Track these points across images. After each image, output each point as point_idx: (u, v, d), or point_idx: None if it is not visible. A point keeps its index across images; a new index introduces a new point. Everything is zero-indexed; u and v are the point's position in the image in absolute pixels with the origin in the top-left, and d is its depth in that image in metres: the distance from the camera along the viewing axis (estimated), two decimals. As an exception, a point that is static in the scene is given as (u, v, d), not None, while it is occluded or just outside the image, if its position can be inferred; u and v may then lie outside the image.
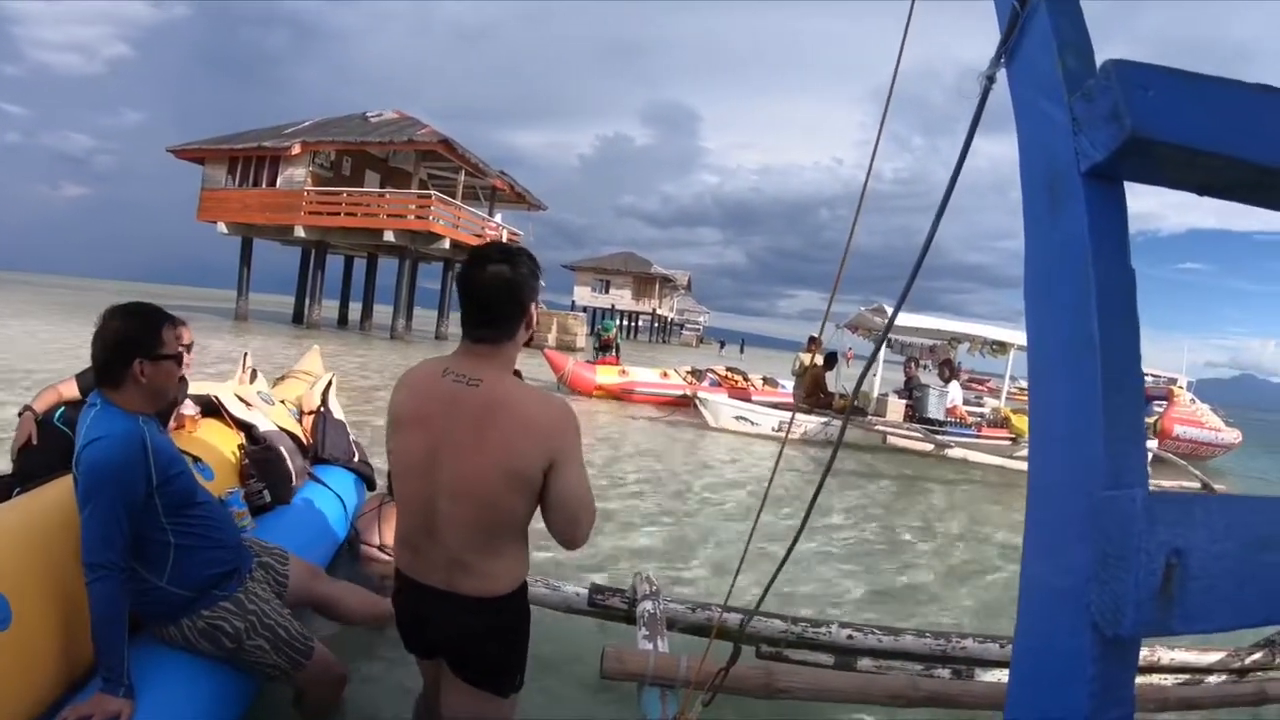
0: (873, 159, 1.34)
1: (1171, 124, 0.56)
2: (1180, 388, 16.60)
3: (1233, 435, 15.61)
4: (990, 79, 0.74)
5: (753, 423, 10.89)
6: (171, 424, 2.92)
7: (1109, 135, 0.58)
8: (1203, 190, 0.63)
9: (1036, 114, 0.66)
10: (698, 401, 11.32)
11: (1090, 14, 0.67)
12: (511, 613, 1.67)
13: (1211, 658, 3.01)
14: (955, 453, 9.81)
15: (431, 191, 24.52)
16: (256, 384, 3.93)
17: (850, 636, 2.73)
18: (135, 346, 1.90)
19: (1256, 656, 3.06)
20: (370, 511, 3.52)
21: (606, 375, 14.05)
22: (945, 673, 2.68)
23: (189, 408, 3.07)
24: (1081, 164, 0.60)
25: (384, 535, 3.35)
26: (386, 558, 3.18)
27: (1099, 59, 0.64)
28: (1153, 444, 12.60)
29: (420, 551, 1.62)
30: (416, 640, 1.73)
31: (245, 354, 4.20)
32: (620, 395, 13.70)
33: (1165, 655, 2.92)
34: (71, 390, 2.82)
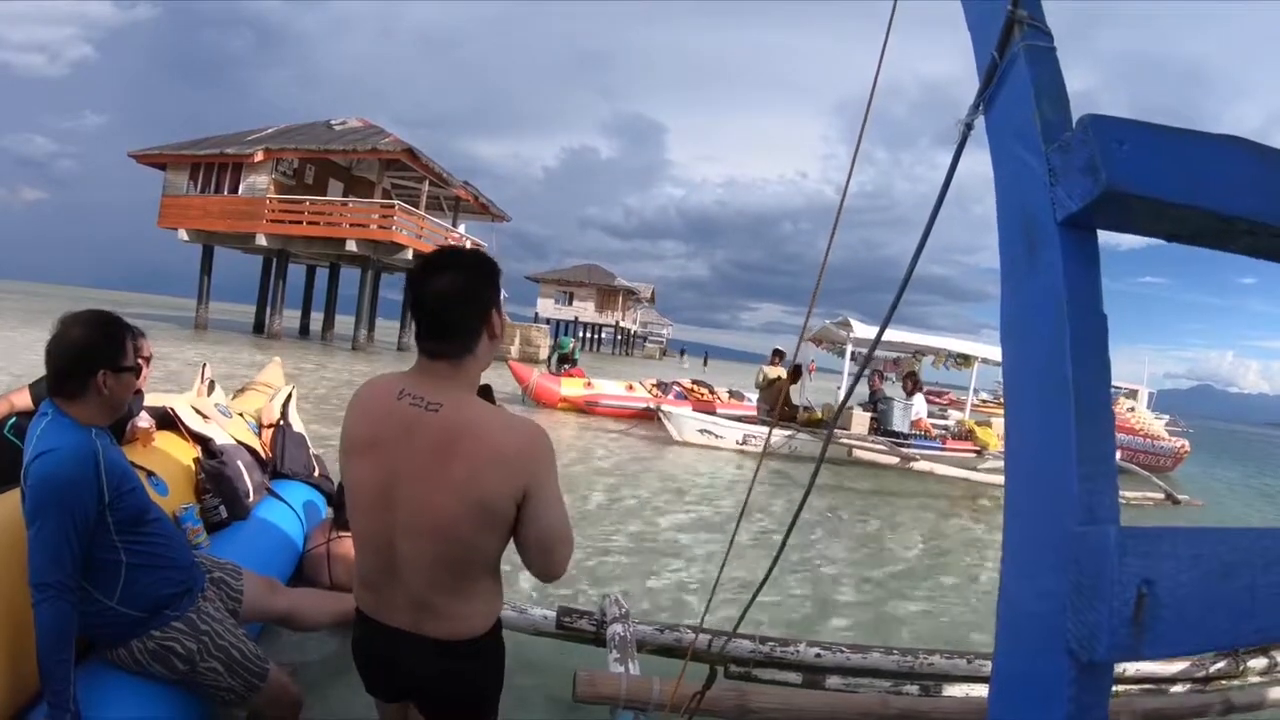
0: (849, 180, 1.37)
1: (1144, 177, 0.59)
2: (1125, 396, 16.77)
3: (1177, 444, 15.81)
4: (969, 126, 0.77)
5: (716, 436, 10.94)
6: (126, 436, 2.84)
7: (1085, 188, 0.61)
8: (1171, 238, 0.67)
9: (1014, 162, 0.69)
10: (661, 415, 11.32)
11: (1053, 34, 0.70)
12: (487, 653, 1.54)
13: (1175, 668, 3.08)
14: (921, 465, 9.93)
15: (395, 201, 24.30)
16: (214, 396, 3.84)
17: (819, 655, 2.75)
18: (99, 357, 1.83)
19: (1220, 665, 3.14)
20: (319, 547, 3.37)
21: (571, 387, 14.02)
22: (913, 689, 2.72)
23: (144, 420, 2.99)
24: (1058, 213, 0.63)
25: (334, 573, 3.24)
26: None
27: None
28: (1118, 453, 12.83)
29: (382, 592, 1.46)
30: (383, 684, 1.58)
31: (204, 365, 4.11)
32: (585, 408, 13.66)
33: (1130, 667, 2.98)
34: (24, 400, 2.73)
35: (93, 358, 1.83)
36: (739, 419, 11.87)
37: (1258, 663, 3.21)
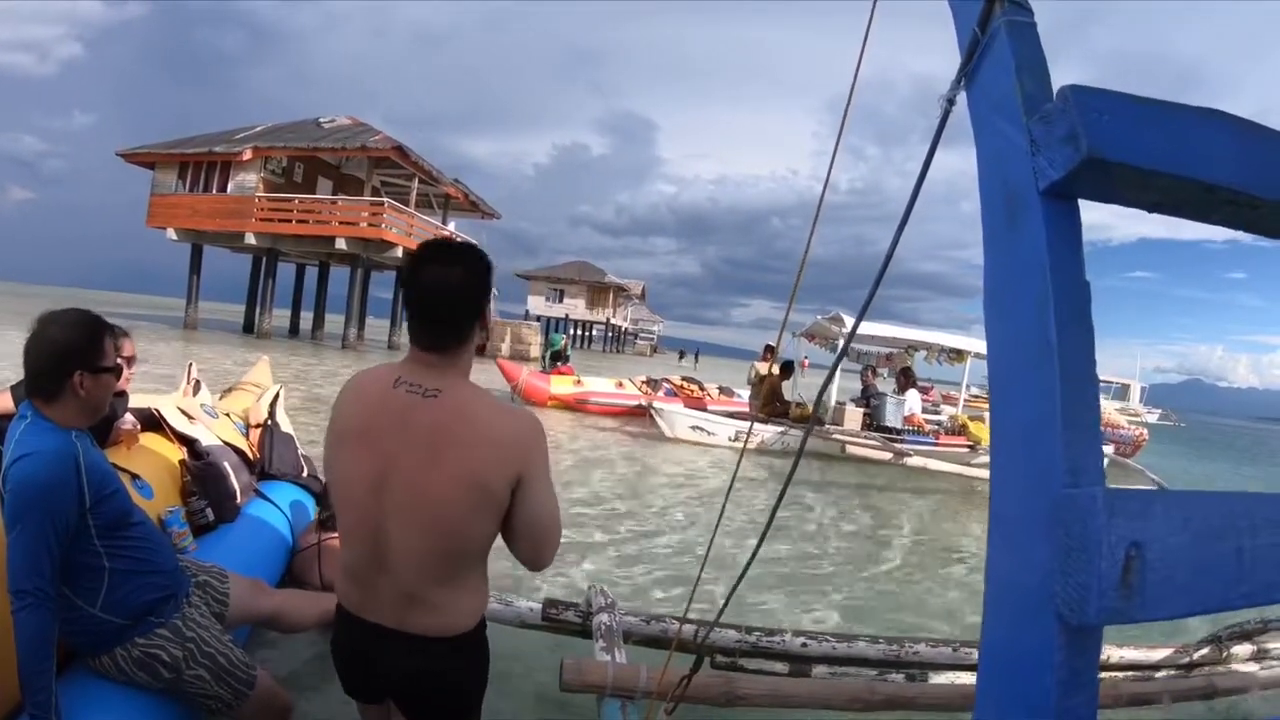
0: (830, 171, 1.37)
1: (1125, 146, 0.60)
2: (1108, 397, 17.28)
3: (1136, 432, 16.60)
4: (951, 101, 0.78)
5: (709, 432, 10.94)
6: (110, 439, 2.79)
7: (1066, 156, 0.61)
8: (1154, 208, 0.68)
9: (996, 134, 0.69)
10: (653, 411, 11.30)
11: (1046, 32, 0.71)
12: (472, 650, 1.51)
13: (1160, 654, 3.11)
14: (914, 461, 9.95)
15: (384, 199, 24.22)
16: (200, 396, 3.80)
17: (804, 644, 2.76)
18: (75, 358, 1.78)
19: (1204, 652, 3.18)
20: (309, 549, 3.34)
21: (561, 385, 13.99)
22: (899, 677, 2.74)
23: (127, 422, 2.94)
24: (1039, 183, 0.64)
25: (324, 573, 3.22)
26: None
27: (1055, 76, 0.68)
28: (1109, 449, 13.12)
29: (366, 585, 1.44)
30: (361, 683, 1.55)
31: (190, 365, 4.07)
32: (575, 405, 13.65)
33: (1115, 654, 3.01)
34: (6, 403, 2.69)
35: (69, 358, 1.78)
36: (730, 415, 11.88)
37: (1241, 649, 3.24)
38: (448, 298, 1.41)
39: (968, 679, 2.71)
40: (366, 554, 1.43)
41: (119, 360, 1.96)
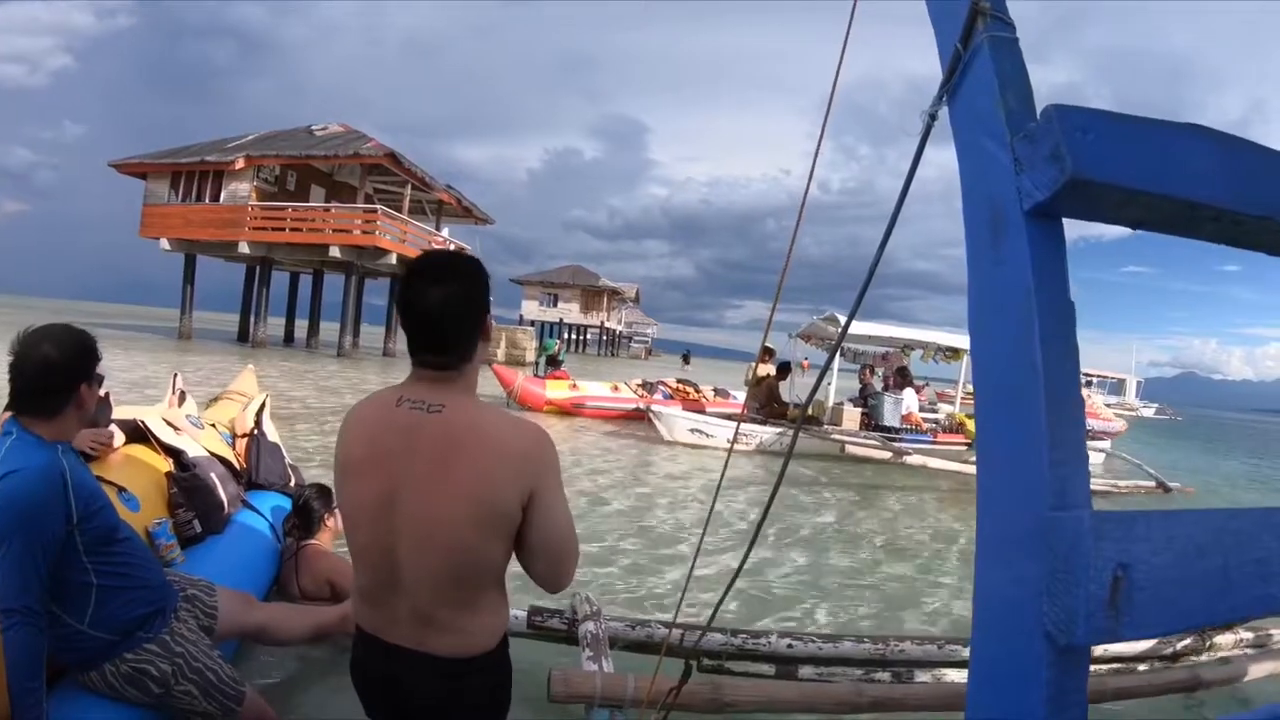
0: (813, 168, 1.37)
1: (1109, 165, 0.60)
2: (1093, 388, 18.10)
3: (1119, 425, 17.62)
4: (933, 116, 0.78)
5: (708, 435, 10.91)
6: (97, 450, 2.76)
7: (1050, 176, 0.61)
8: (1138, 225, 0.68)
9: (979, 152, 0.69)
10: (652, 415, 11.28)
11: (1037, 28, 0.70)
12: (493, 671, 1.47)
13: (1143, 646, 3.12)
14: (914, 459, 9.97)
15: (377, 206, 24.18)
16: (185, 407, 3.77)
17: (790, 645, 2.76)
18: (80, 372, 1.81)
19: (1187, 642, 3.20)
20: (287, 560, 3.33)
21: (557, 390, 13.96)
22: (885, 676, 2.75)
23: (105, 434, 2.87)
24: (1024, 203, 0.64)
25: (301, 583, 3.23)
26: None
27: (1048, 70, 0.68)
28: (1106, 444, 13.19)
29: (383, 606, 1.41)
30: (384, 705, 1.49)
31: (175, 375, 4.04)
32: (571, 410, 13.62)
33: (1097, 648, 3.02)
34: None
35: (75, 372, 1.81)
36: (729, 417, 11.86)
37: (1224, 639, 3.25)
38: (448, 317, 1.36)
39: (953, 676, 2.73)
40: (379, 576, 1.39)
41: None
